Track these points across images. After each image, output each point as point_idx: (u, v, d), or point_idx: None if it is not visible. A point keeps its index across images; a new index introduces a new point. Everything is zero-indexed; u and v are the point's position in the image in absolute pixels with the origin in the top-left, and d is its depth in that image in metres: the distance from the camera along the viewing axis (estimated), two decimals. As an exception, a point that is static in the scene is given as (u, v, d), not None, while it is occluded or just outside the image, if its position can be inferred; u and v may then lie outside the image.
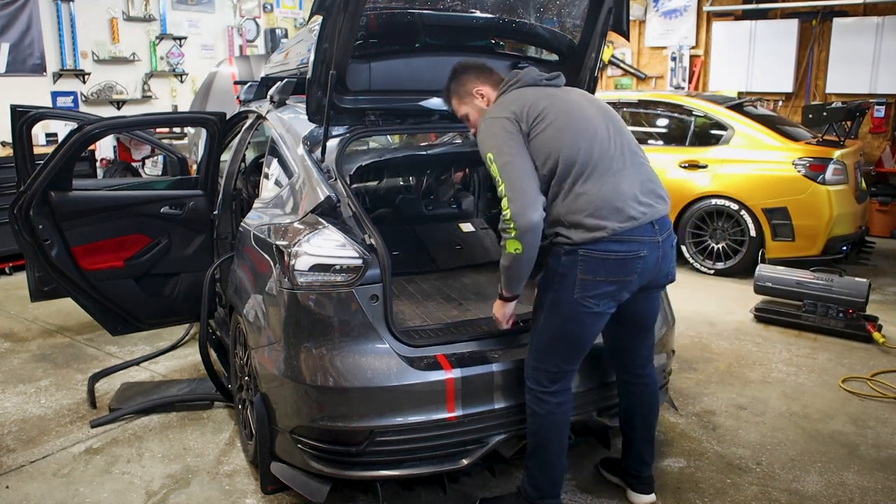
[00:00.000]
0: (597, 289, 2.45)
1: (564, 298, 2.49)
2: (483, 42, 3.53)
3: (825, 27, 8.41)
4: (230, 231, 3.77)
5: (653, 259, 2.52)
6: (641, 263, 2.48)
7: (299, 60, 3.86)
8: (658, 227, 2.52)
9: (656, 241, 2.51)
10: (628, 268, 2.46)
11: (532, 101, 2.50)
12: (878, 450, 3.32)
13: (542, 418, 2.59)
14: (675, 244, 2.65)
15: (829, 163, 5.80)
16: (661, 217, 2.54)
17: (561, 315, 2.52)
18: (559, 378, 2.58)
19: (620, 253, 2.43)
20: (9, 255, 6.19)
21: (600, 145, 2.48)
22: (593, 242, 2.42)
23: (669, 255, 2.61)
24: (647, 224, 2.49)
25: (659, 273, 2.59)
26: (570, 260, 2.46)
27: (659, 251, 2.53)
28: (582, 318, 2.51)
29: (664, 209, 2.57)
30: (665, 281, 2.68)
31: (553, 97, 2.54)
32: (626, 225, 2.43)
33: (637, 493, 2.88)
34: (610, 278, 2.45)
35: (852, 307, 4.73)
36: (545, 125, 2.44)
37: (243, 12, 9.29)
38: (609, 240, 2.42)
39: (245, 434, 3.21)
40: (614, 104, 6.87)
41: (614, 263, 2.44)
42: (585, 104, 2.59)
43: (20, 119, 4.09)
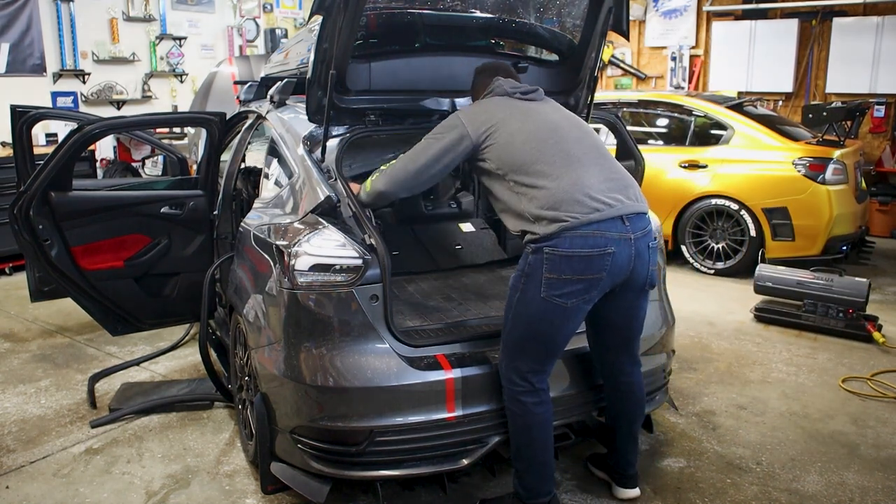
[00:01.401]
0: (563, 287, 2.45)
1: (532, 297, 2.49)
2: (483, 42, 3.53)
3: (825, 27, 8.41)
4: (230, 231, 3.77)
5: (623, 257, 2.48)
6: (610, 260, 2.45)
7: (299, 60, 3.85)
8: (629, 223, 2.50)
9: (627, 238, 2.48)
10: (595, 265, 2.44)
11: (492, 112, 2.65)
12: (878, 450, 3.32)
13: (520, 418, 2.59)
14: (654, 247, 2.62)
15: (829, 163, 5.80)
16: (632, 213, 2.52)
17: (529, 314, 2.52)
18: (531, 376, 2.57)
19: (585, 249, 2.42)
20: (9, 255, 6.20)
21: (559, 146, 2.56)
22: (557, 236, 2.41)
23: (645, 256, 2.56)
24: (615, 218, 2.47)
25: (634, 274, 2.55)
26: (536, 259, 2.47)
27: (631, 249, 2.50)
28: (550, 317, 2.50)
29: (636, 206, 2.55)
30: (643, 284, 2.62)
31: (515, 108, 2.67)
32: (590, 217, 2.42)
33: (621, 487, 2.90)
34: (576, 276, 2.44)
35: (852, 307, 4.73)
36: (497, 133, 2.58)
37: (243, 12, 9.30)
38: (572, 234, 2.41)
39: (245, 434, 3.21)
40: (614, 104, 6.89)
41: (580, 261, 2.43)
42: (550, 112, 2.72)
43: (20, 119, 4.09)
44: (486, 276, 3.77)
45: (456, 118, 2.67)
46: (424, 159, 2.64)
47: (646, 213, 2.61)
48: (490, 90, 2.77)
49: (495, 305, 3.28)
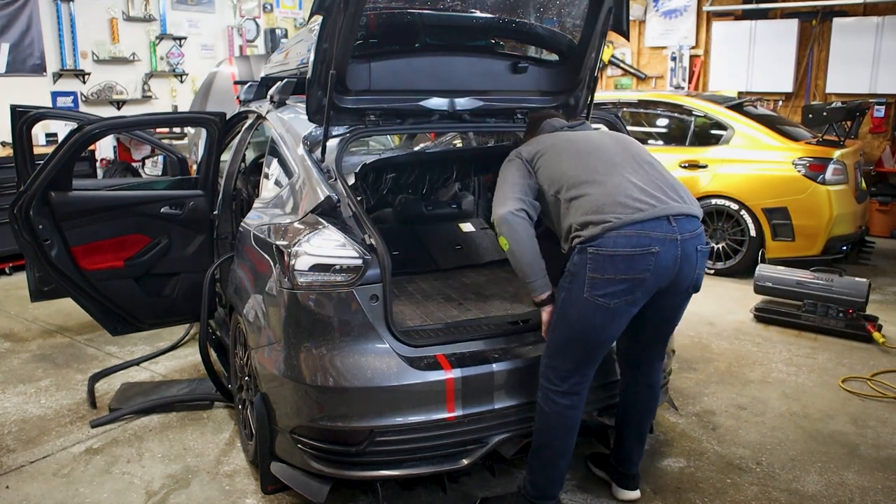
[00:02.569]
0: (606, 287, 2.43)
1: (576, 297, 2.48)
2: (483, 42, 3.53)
3: (825, 27, 8.41)
4: (230, 231, 3.77)
5: (668, 257, 2.46)
6: (654, 260, 2.43)
7: (299, 60, 3.85)
8: (676, 224, 2.48)
9: (673, 238, 2.46)
10: (638, 264, 2.42)
11: (541, 142, 2.81)
12: (878, 450, 3.32)
13: (549, 417, 2.59)
14: (703, 250, 2.58)
15: (829, 163, 5.80)
16: (678, 214, 2.49)
17: (573, 314, 2.51)
18: (570, 377, 2.57)
19: (628, 249, 2.41)
20: (9, 255, 6.20)
21: (600, 157, 2.63)
22: (602, 236, 2.41)
23: (693, 259, 2.53)
24: (661, 218, 2.45)
25: (681, 276, 2.53)
26: (580, 259, 2.46)
27: (677, 250, 2.47)
28: (593, 317, 2.48)
29: (683, 208, 2.52)
30: (688, 287, 2.60)
31: (561, 136, 2.82)
32: (633, 216, 2.42)
33: (622, 488, 2.90)
34: (619, 276, 2.42)
35: (852, 307, 4.73)
36: (546, 156, 2.70)
37: (243, 12, 9.29)
38: (616, 234, 2.40)
39: (245, 434, 3.21)
40: (614, 104, 6.89)
41: (623, 260, 2.42)
42: (594, 134, 2.85)
43: (20, 119, 4.09)
44: (486, 276, 3.77)
45: (512, 153, 2.83)
46: (503, 181, 2.73)
47: (696, 215, 2.57)
48: (540, 130, 2.94)
49: (495, 305, 3.28)
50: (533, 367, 2.68)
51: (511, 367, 2.70)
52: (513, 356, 2.75)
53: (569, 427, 2.61)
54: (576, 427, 2.63)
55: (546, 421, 2.60)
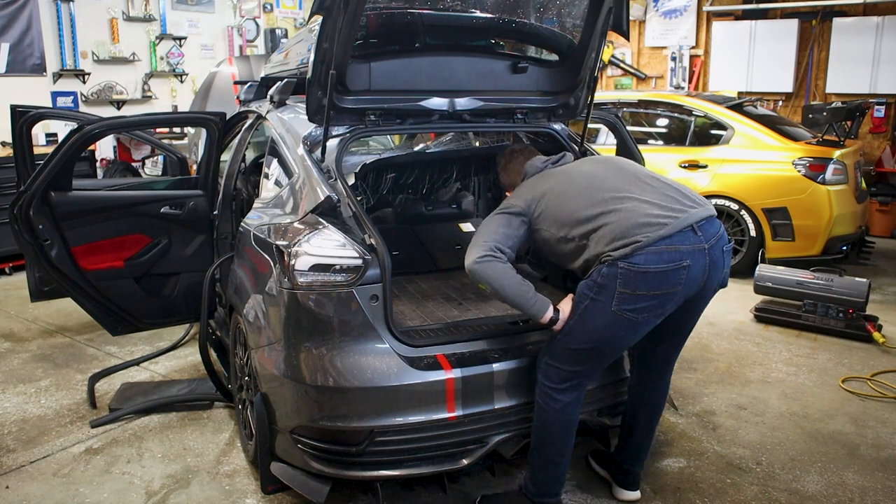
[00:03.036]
0: (637, 302, 2.40)
1: (602, 309, 2.44)
2: (483, 42, 3.53)
3: (825, 27, 8.41)
4: (230, 231, 3.77)
5: (699, 268, 2.44)
6: (686, 274, 2.41)
7: (299, 60, 3.85)
8: (701, 231, 2.44)
9: (702, 249, 2.43)
10: (671, 280, 2.40)
11: (536, 188, 2.73)
12: (878, 450, 3.32)
13: (547, 415, 2.59)
14: (728, 250, 2.56)
15: (829, 163, 5.80)
16: (701, 220, 2.46)
17: (596, 324, 2.47)
18: (571, 378, 2.57)
19: (661, 265, 2.37)
20: (9, 255, 6.19)
21: (605, 187, 2.58)
22: (630, 255, 2.37)
23: (720, 263, 2.51)
24: (686, 230, 2.42)
25: (709, 281, 2.51)
26: (610, 272, 2.40)
27: (706, 258, 2.45)
28: (616, 330, 2.47)
29: (701, 212, 2.48)
30: (716, 289, 2.60)
31: (554, 176, 2.76)
32: (660, 233, 2.38)
33: (623, 488, 2.90)
34: (651, 292, 2.39)
35: (852, 307, 4.73)
36: (546, 199, 2.64)
37: (243, 12, 9.29)
38: (647, 251, 2.36)
39: (245, 434, 3.21)
40: (614, 104, 6.89)
41: (655, 277, 2.38)
42: (583, 165, 2.81)
43: (20, 119, 4.09)
44: None
45: (501, 207, 2.73)
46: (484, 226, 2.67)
47: (715, 215, 2.55)
48: (524, 174, 2.88)
49: (495, 305, 3.28)
50: (533, 367, 2.68)
51: (511, 367, 2.70)
52: (513, 356, 2.75)
53: (568, 423, 2.61)
54: (575, 423, 2.63)
55: (545, 418, 2.60)
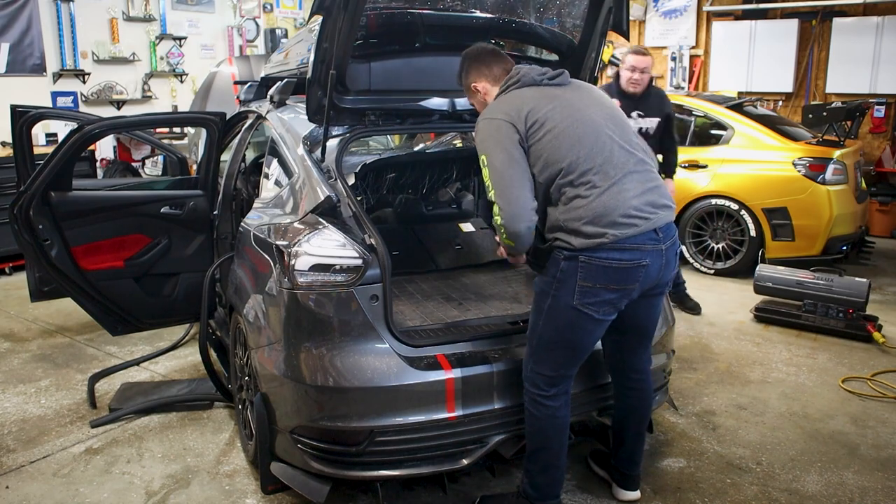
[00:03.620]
0: (597, 296, 2.43)
1: (563, 304, 2.47)
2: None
3: (825, 27, 8.41)
4: (230, 231, 3.77)
5: (655, 267, 2.49)
6: (643, 272, 2.45)
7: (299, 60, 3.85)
8: (662, 234, 2.47)
9: (659, 250, 2.47)
10: (630, 276, 2.43)
11: (532, 104, 2.45)
12: (878, 450, 3.32)
13: (539, 421, 2.59)
14: (677, 252, 2.61)
15: (829, 163, 5.80)
16: (664, 224, 2.49)
17: (559, 321, 2.50)
18: (557, 382, 2.57)
19: (623, 262, 2.40)
20: (9, 255, 6.19)
21: (602, 152, 2.43)
22: (593, 249, 2.39)
23: (672, 263, 2.57)
24: (650, 231, 2.43)
25: (661, 280, 2.56)
26: (569, 266, 2.43)
27: (662, 259, 2.49)
28: (581, 325, 2.49)
29: (668, 216, 2.51)
30: (665, 286, 2.65)
31: (555, 100, 2.48)
32: (627, 232, 2.39)
33: (623, 489, 2.90)
34: (611, 286, 2.42)
35: (852, 307, 4.73)
36: (543, 132, 2.42)
37: (243, 12, 9.29)
38: (609, 248, 2.39)
39: (245, 434, 3.21)
40: (614, 104, 6.87)
41: (615, 272, 2.41)
42: (590, 106, 2.53)
43: (20, 119, 4.09)
44: (486, 276, 3.77)
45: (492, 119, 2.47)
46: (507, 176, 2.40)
47: (672, 219, 2.57)
48: (515, 80, 2.55)
49: (495, 305, 3.28)
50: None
51: (511, 367, 2.70)
52: (513, 356, 2.75)
53: (560, 427, 2.61)
54: (567, 425, 2.63)
55: (537, 424, 2.60)
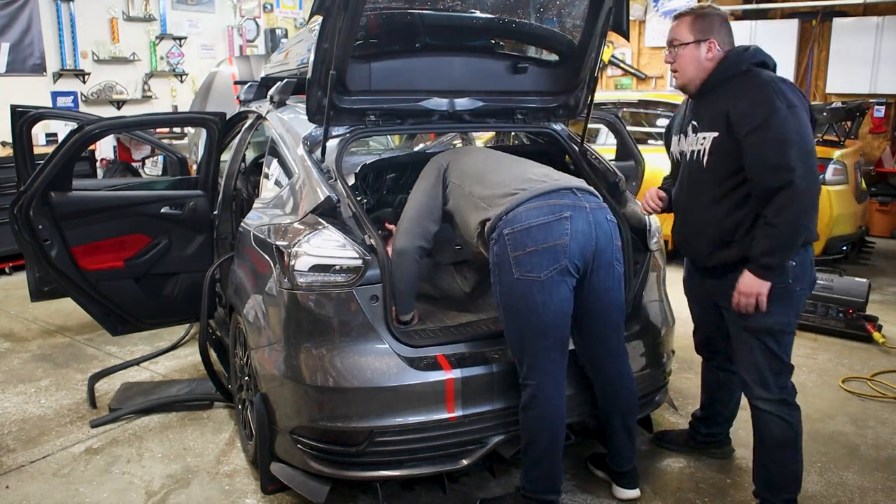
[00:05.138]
0: (531, 259, 2.50)
1: (508, 283, 2.55)
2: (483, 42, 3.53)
3: (825, 27, 8.41)
4: (230, 231, 3.77)
5: (582, 221, 2.54)
6: (570, 225, 2.52)
7: (299, 60, 3.85)
8: (581, 195, 2.62)
9: (582, 206, 2.58)
10: (555, 231, 2.50)
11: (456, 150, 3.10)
12: (878, 450, 3.32)
13: (530, 412, 2.59)
14: (612, 221, 2.66)
15: (829, 163, 5.80)
16: (581, 188, 2.66)
17: (512, 301, 2.56)
18: (541, 368, 2.56)
19: (541, 218, 2.51)
20: (9, 255, 6.20)
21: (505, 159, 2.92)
22: (511, 212, 2.53)
23: (606, 228, 2.61)
24: (565, 190, 2.61)
25: (599, 245, 2.57)
26: (499, 246, 2.55)
27: (588, 216, 2.57)
28: (531, 295, 2.51)
29: (581, 183, 2.71)
30: (612, 260, 2.62)
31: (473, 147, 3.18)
32: (538, 187, 2.58)
33: (621, 487, 2.90)
34: (540, 245, 2.49)
35: (852, 307, 4.72)
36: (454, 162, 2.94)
37: (243, 12, 9.30)
38: (526, 208, 2.52)
39: (245, 434, 3.21)
40: (614, 104, 6.89)
41: (539, 229, 2.50)
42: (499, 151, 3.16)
43: (20, 119, 4.09)
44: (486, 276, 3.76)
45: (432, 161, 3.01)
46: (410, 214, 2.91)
47: (595, 194, 2.72)
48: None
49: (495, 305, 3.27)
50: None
51: (511, 367, 2.69)
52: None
53: (552, 419, 2.60)
54: (561, 417, 2.62)
55: (529, 416, 2.60)
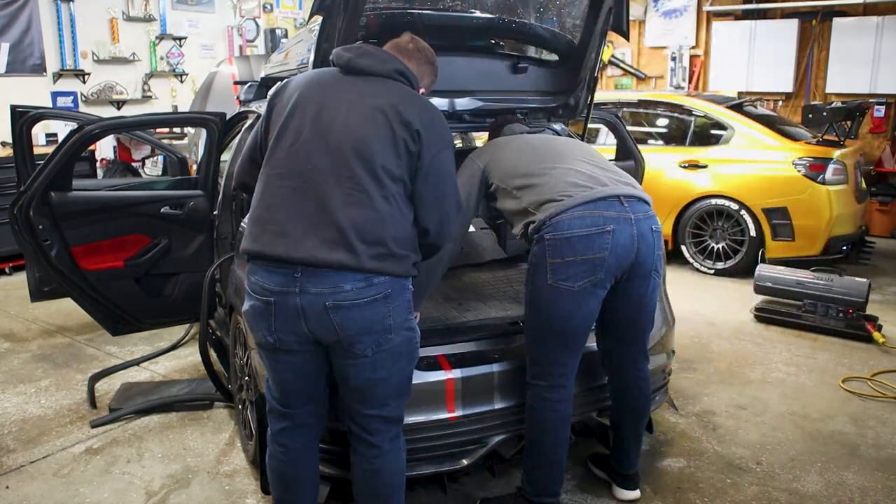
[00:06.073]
0: (568, 270, 2.46)
1: (540, 286, 2.52)
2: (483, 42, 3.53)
3: (825, 27, 8.41)
4: (230, 231, 3.77)
5: (625, 235, 2.49)
6: (611, 239, 2.46)
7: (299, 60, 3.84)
8: (628, 205, 2.52)
9: (628, 218, 2.50)
10: (596, 243, 2.45)
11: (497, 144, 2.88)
12: (878, 450, 3.32)
13: (538, 414, 2.59)
14: (658, 231, 2.61)
15: (829, 163, 5.80)
16: (627, 194, 2.55)
17: (541, 304, 2.54)
18: (555, 372, 2.57)
19: (584, 229, 2.45)
20: (9, 255, 6.19)
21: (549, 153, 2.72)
22: (555, 217, 2.47)
23: (649, 239, 2.55)
24: (612, 199, 2.51)
25: (640, 257, 2.53)
26: (539, 248, 2.52)
27: (632, 228, 2.50)
28: (560, 303, 2.50)
29: (632, 190, 2.58)
30: (649, 269, 2.59)
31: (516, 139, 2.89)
32: (584, 195, 2.49)
33: (622, 488, 2.89)
34: (579, 257, 2.45)
35: (852, 307, 4.73)
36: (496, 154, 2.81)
37: (243, 12, 9.29)
38: (570, 216, 2.46)
39: (245, 434, 3.21)
40: (614, 104, 6.89)
41: (580, 240, 2.45)
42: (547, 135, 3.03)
43: (20, 119, 4.09)
44: (486, 276, 3.77)
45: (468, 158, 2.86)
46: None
47: (645, 200, 2.60)
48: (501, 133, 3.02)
49: (495, 306, 3.28)
50: (533, 368, 2.68)
51: (511, 367, 2.70)
52: (512, 356, 2.75)
53: (559, 421, 2.60)
54: (567, 421, 2.63)
55: (536, 418, 2.60)
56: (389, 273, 2.12)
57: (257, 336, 2.20)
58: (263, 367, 2.33)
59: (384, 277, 2.11)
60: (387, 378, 2.20)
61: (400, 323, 2.17)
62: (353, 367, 2.17)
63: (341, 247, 2.06)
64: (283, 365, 2.22)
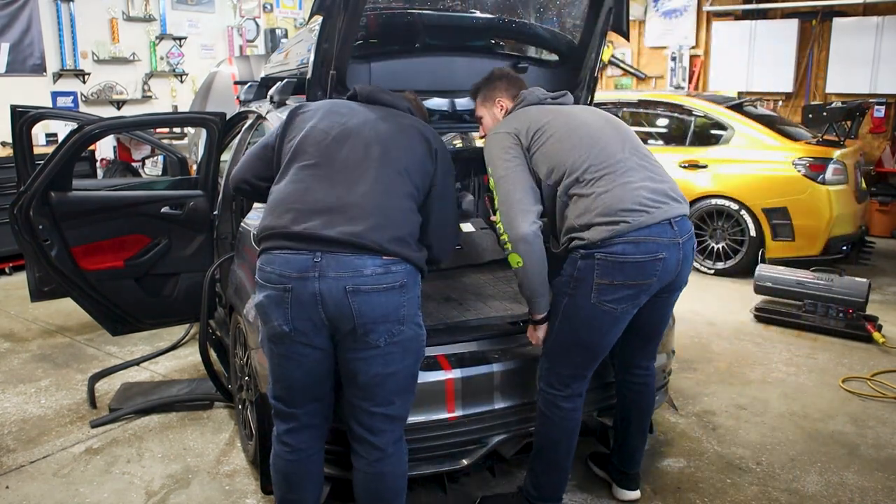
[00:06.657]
0: (615, 293, 2.41)
1: (581, 303, 2.44)
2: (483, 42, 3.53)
3: (825, 27, 8.41)
4: (230, 231, 3.77)
5: (673, 261, 2.45)
6: (661, 266, 2.42)
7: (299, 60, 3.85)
8: (677, 227, 2.45)
9: (676, 243, 2.45)
10: (647, 271, 2.40)
11: (534, 117, 2.58)
12: (878, 450, 3.32)
13: (551, 422, 2.58)
14: (695, 247, 2.59)
15: (829, 163, 5.80)
16: (678, 216, 2.47)
17: (578, 320, 2.48)
18: (572, 382, 2.56)
19: (638, 255, 2.38)
20: (9, 255, 6.19)
21: (605, 151, 2.49)
22: (609, 242, 2.36)
23: (690, 259, 2.55)
24: (664, 223, 2.42)
25: (679, 277, 2.54)
26: (586, 264, 2.41)
27: (679, 253, 2.47)
28: (600, 324, 2.47)
29: (680, 209, 2.49)
30: (682, 284, 2.61)
31: (556, 113, 2.62)
32: (640, 219, 2.37)
33: (623, 489, 2.89)
34: (628, 282, 2.40)
35: (852, 307, 4.73)
36: (546, 137, 2.52)
37: (243, 12, 9.29)
38: (625, 240, 2.36)
39: (245, 434, 3.21)
40: (614, 104, 6.89)
41: (632, 267, 2.38)
42: (589, 116, 2.66)
43: (20, 119, 4.09)
44: (486, 276, 3.77)
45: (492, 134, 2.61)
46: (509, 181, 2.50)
47: (687, 214, 2.56)
48: (520, 101, 2.70)
49: (495, 306, 3.28)
50: (533, 368, 2.68)
51: (511, 367, 2.70)
52: (513, 356, 2.75)
53: (572, 429, 2.60)
54: (577, 428, 2.63)
55: (549, 425, 2.59)
56: (408, 259, 2.19)
57: (271, 326, 2.19)
58: (266, 366, 2.33)
59: (401, 266, 2.17)
60: (395, 374, 2.21)
61: (412, 316, 2.22)
62: (364, 360, 2.18)
63: (366, 227, 2.14)
64: (292, 360, 2.21)
